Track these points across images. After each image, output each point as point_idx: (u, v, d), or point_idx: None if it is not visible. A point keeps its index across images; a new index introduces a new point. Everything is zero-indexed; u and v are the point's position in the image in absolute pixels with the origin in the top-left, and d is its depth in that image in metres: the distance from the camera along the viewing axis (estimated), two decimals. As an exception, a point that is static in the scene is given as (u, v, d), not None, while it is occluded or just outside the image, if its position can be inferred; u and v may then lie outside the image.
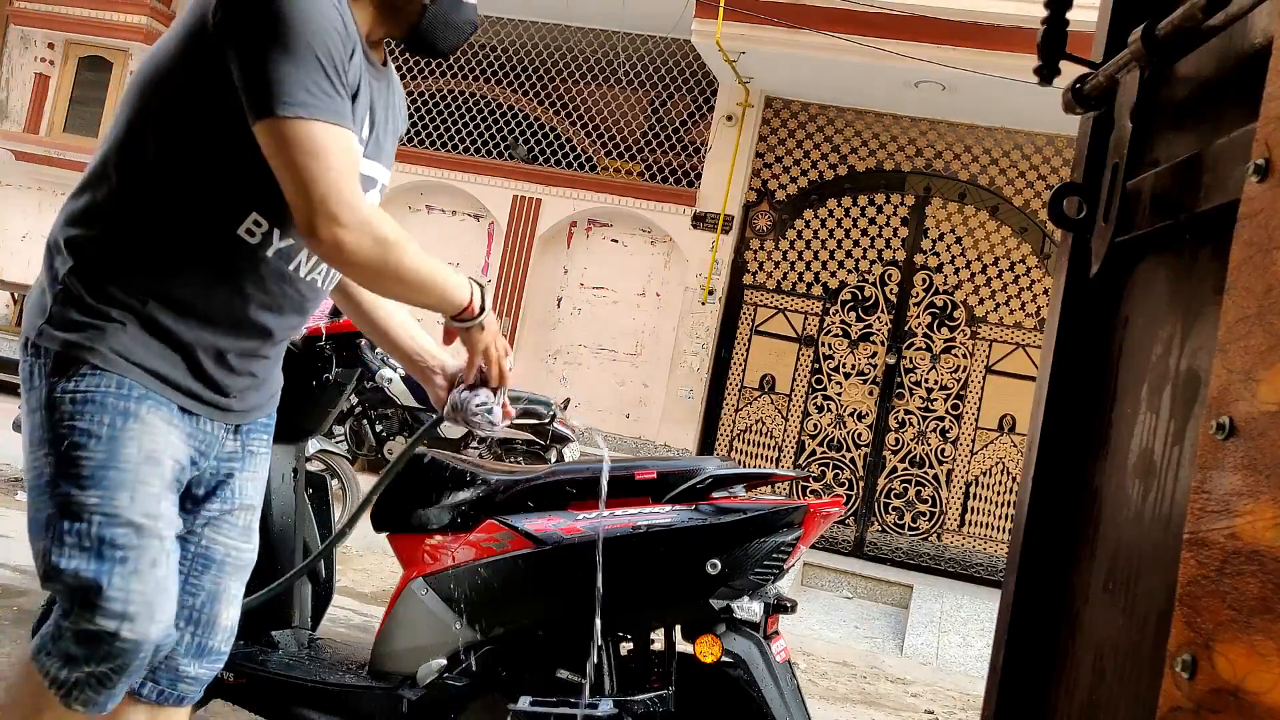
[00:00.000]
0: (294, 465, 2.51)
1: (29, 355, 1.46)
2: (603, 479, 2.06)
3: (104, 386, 1.41)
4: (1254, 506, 0.56)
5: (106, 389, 1.41)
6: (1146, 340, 0.90)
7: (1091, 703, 0.89)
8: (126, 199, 1.45)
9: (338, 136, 1.35)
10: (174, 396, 1.48)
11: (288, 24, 1.31)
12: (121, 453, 1.41)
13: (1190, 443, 0.78)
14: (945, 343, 7.35)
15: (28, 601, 3.40)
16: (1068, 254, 1.05)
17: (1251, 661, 0.55)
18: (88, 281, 1.44)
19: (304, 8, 1.33)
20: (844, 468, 7.45)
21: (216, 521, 1.60)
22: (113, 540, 1.39)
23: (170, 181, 1.44)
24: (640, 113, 8.04)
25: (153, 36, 8.62)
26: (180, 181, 1.44)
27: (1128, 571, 0.86)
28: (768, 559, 2.08)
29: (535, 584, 2.14)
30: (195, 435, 1.52)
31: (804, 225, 7.61)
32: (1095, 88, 1.01)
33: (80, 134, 8.92)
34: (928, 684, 4.76)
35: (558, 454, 6.20)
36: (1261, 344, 0.58)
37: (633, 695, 2.11)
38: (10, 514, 4.69)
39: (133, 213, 1.45)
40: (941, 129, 7.42)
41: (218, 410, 1.54)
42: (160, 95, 1.44)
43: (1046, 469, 1.03)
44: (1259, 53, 0.76)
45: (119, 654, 1.41)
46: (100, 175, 1.48)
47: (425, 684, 2.20)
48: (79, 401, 1.41)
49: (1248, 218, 0.62)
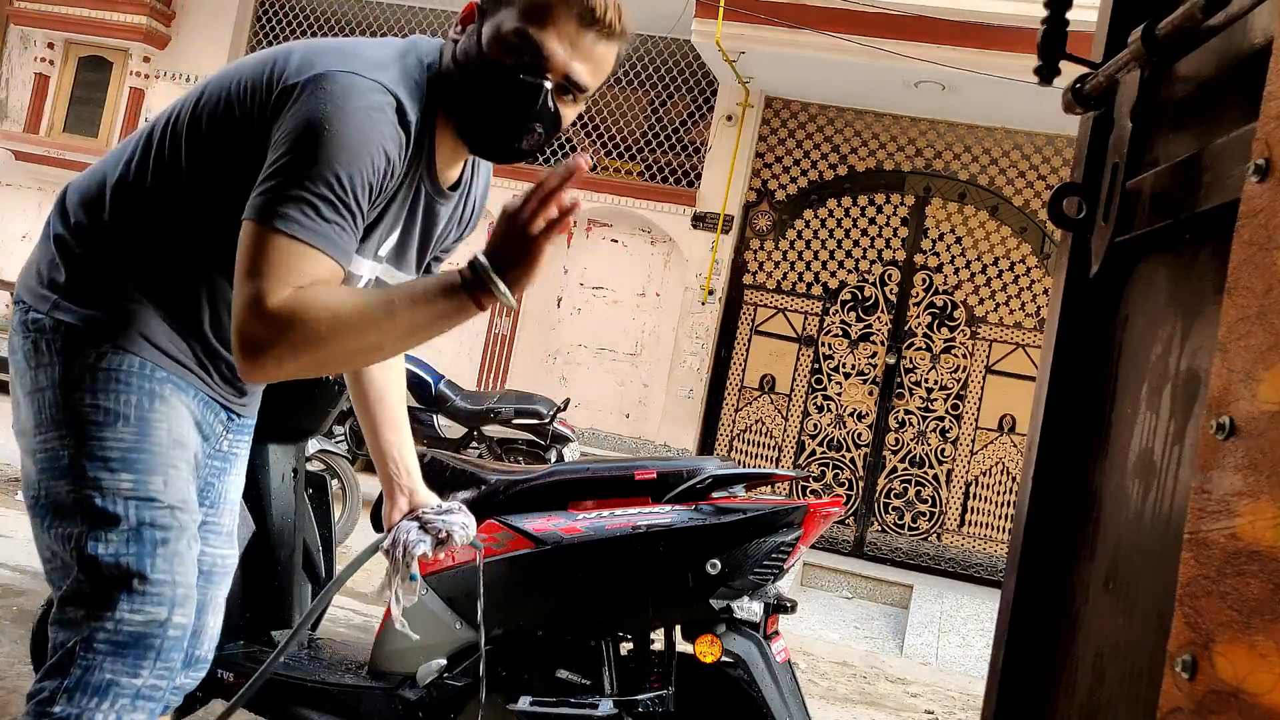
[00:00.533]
0: (294, 465, 2.51)
1: (30, 331, 1.39)
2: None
3: (127, 366, 1.36)
4: (1254, 506, 0.56)
5: (130, 369, 1.36)
6: (1146, 340, 0.90)
7: (1091, 703, 0.89)
8: (139, 209, 1.41)
9: (310, 257, 1.22)
10: (192, 380, 1.44)
11: (336, 146, 1.23)
12: (152, 435, 1.36)
13: (1190, 442, 0.78)
14: (945, 343, 7.35)
15: (27, 601, 3.40)
16: (1067, 254, 1.05)
17: (1252, 662, 0.54)
18: (106, 262, 1.40)
19: (360, 135, 1.25)
20: (844, 468, 7.45)
21: (203, 530, 1.56)
22: (153, 522, 1.34)
23: (183, 209, 1.40)
24: (640, 113, 8.04)
25: (153, 36, 8.63)
26: (188, 213, 1.40)
27: (1128, 571, 0.86)
28: (767, 559, 2.08)
29: (535, 584, 2.14)
30: (203, 424, 1.50)
31: (804, 225, 7.61)
32: (1095, 88, 1.01)
33: (80, 134, 8.91)
34: (927, 684, 4.76)
35: (557, 454, 6.20)
36: (1262, 343, 0.58)
37: (633, 695, 2.11)
38: (10, 514, 4.69)
39: (143, 221, 1.41)
40: (941, 129, 7.42)
41: (226, 397, 1.52)
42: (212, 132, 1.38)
43: (1046, 469, 1.03)
44: (1259, 52, 0.76)
45: (171, 646, 1.34)
46: (124, 176, 1.43)
47: (425, 684, 2.20)
48: (101, 380, 1.35)
49: (1248, 217, 0.62)
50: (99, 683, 1.30)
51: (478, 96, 1.35)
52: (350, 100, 1.25)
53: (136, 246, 1.41)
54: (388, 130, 1.29)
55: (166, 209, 1.40)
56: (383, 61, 1.33)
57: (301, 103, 1.26)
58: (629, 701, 2.09)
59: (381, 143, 1.28)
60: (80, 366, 1.35)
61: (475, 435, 6.23)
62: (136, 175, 1.42)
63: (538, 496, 2.21)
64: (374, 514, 2.28)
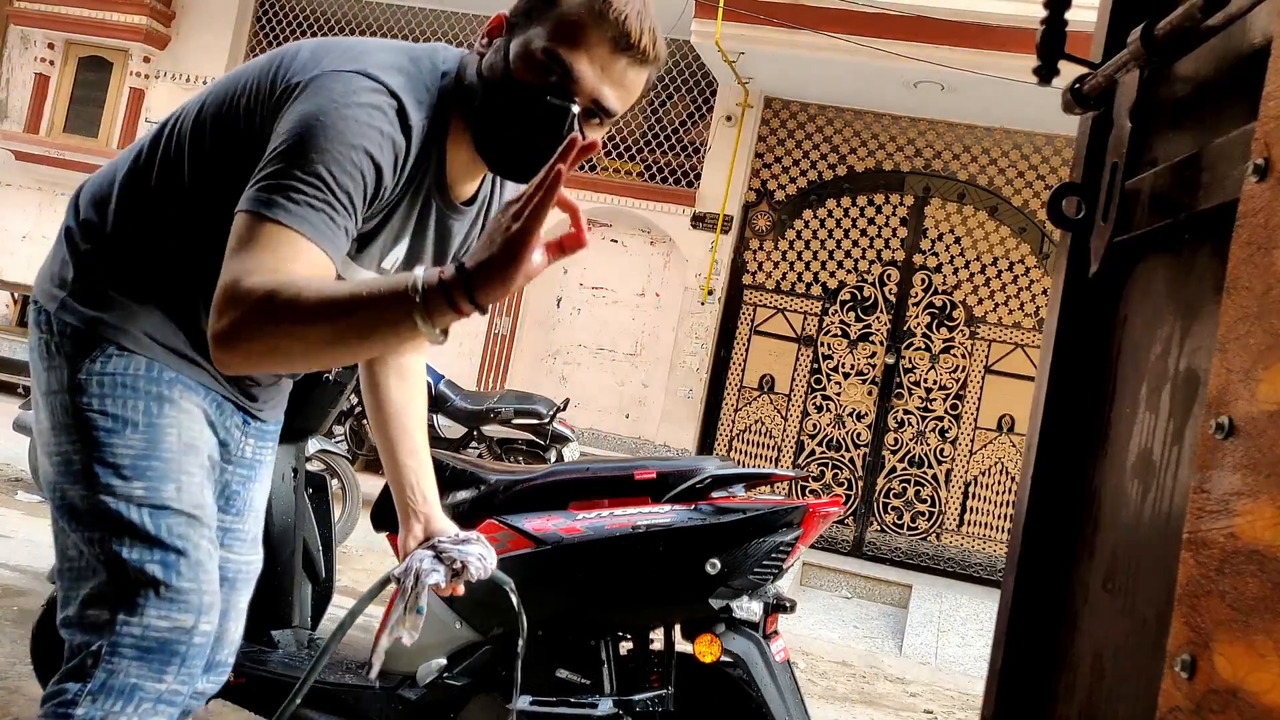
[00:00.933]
0: (294, 465, 2.51)
1: (43, 331, 1.37)
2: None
3: (133, 369, 1.34)
4: (1253, 506, 0.56)
5: (137, 372, 1.34)
6: (1145, 340, 0.90)
7: (1091, 703, 0.89)
8: (144, 208, 1.40)
9: (293, 243, 1.17)
10: (203, 378, 1.41)
11: (329, 139, 1.19)
12: (162, 442, 1.33)
13: (1189, 442, 0.78)
14: (944, 343, 7.35)
15: (27, 601, 3.40)
16: (1066, 254, 1.05)
17: (1251, 661, 0.55)
18: (112, 261, 1.38)
19: (356, 131, 1.21)
20: (843, 467, 7.45)
21: (228, 537, 1.55)
22: (169, 530, 1.31)
23: (186, 210, 1.38)
24: (640, 113, 8.03)
25: (153, 36, 8.63)
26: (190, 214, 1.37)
27: (1127, 571, 0.86)
28: (767, 559, 2.08)
29: (535, 584, 2.15)
30: (218, 425, 1.47)
31: (803, 225, 7.61)
32: (1094, 88, 1.01)
33: (80, 134, 8.91)
34: (927, 683, 4.76)
35: (557, 454, 6.20)
36: (1261, 343, 0.58)
37: (632, 695, 2.11)
38: (10, 514, 4.69)
39: (148, 220, 1.39)
40: (941, 129, 7.42)
41: (237, 397, 1.50)
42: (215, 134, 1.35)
43: (1045, 469, 1.03)
44: (1258, 52, 0.76)
45: (195, 652, 1.33)
46: (131, 173, 1.41)
47: (425, 684, 2.20)
48: (108, 385, 1.32)
49: (1247, 217, 0.62)
50: (123, 686, 1.29)
51: (500, 114, 1.29)
52: (349, 98, 1.22)
53: (140, 245, 1.39)
54: (385, 130, 1.24)
55: (171, 210, 1.38)
56: (390, 64, 1.29)
57: (301, 100, 1.24)
58: (628, 701, 2.09)
59: (377, 142, 1.23)
60: (86, 371, 1.33)
61: (475, 435, 6.23)
62: (143, 174, 1.40)
63: (538, 496, 2.21)
64: (374, 514, 2.28)
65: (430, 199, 1.39)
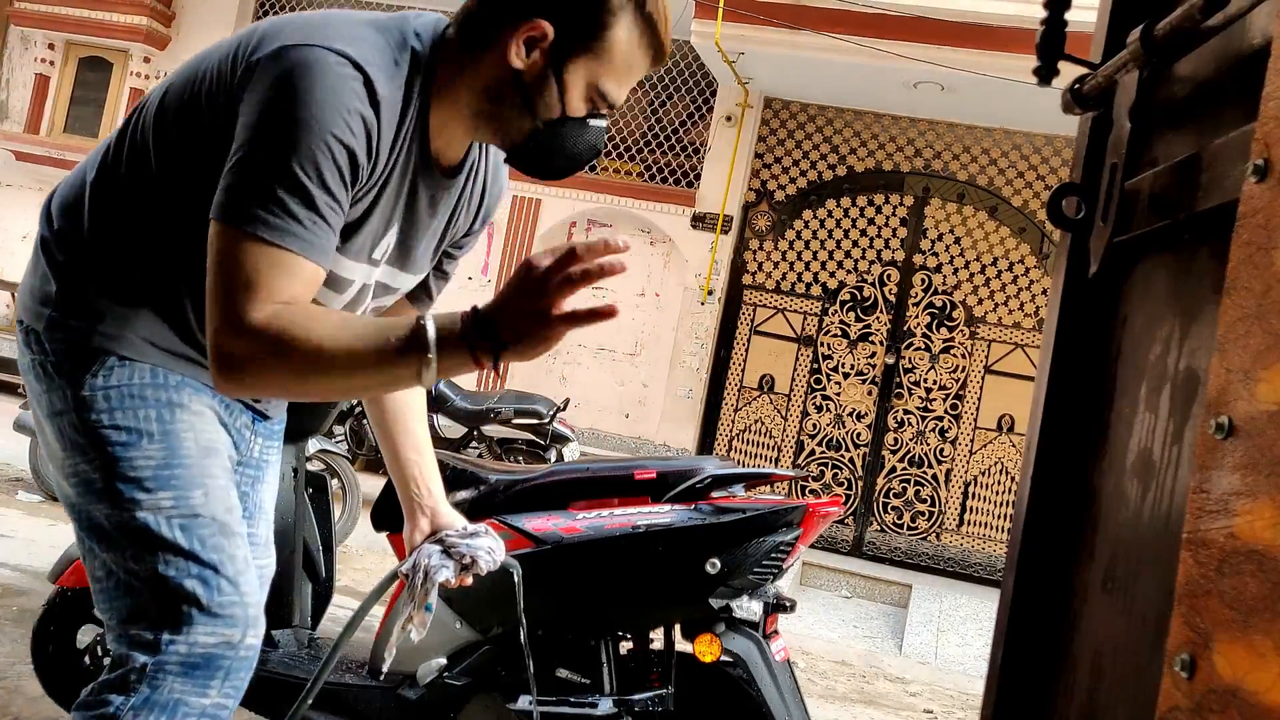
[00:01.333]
0: (294, 465, 2.51)
1: (34, 351, 1.32)
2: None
3: (139, 378, 1.29)
4: (1253, 506, 0.57)
5: (143, 380, 1.29)
6: (1145, 340, 0.90)
7: (1091, 703, 0.89)
8: (115, 201, 1.35)
9: (286, 263, 1.15)
10: (207, 379, 1.34)
11: (297, 130, 1.15)
12: (181, 448, 1.29)
13: (1189, 442, 0.78)
14: (944, 343, 7.35)
15: (28, 601, 3.40)
16: (1066, 254, 1.05)
17: (1250, 661, 0.55)
18: (94, 265, 1.32)
19: (321, 116, 1.16)
20: (843, 467, 7.45)
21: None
22: (203, 542, 1.27)
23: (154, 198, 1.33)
24: (640, 113, 8.04)
25: (153, 37, 8.63)
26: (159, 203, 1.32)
27: (1126, 571, 0.86)
28: (767, 558, 2.08)
29: (535, 583, 2.15)
30: (229, 424, 1.44)
31: (803, 225, 7.61)
32: (1094, 88, 1.01)
33: (80, 134, 8.92)
34: (926, 683, 4.76)
35: (557, 454, 6.20)
36: (1260, 343, 0.58)
37: (632, 695, 2.11)
38: (10, 514, 4.69)
39: (119, 214, 1.35)
40: (940, 129, 7.42)
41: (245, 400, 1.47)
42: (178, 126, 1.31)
43: (1045, 469, 1.03)
44: (1258, 53, 0.76)
45: (240, 666, 1.30)
46: (101, 167, 1.37)
47: (425, 684, 2.20)
48: (115, 398, 1.28)
49: (1246, 217, 0.62)
50: (166, 701, 1.27)
51: (554, 145, 1.32)
52: (309, 77, 1.16)
53: (119, 243, 1.34)
54: (353, 107, 1.18)
55: (141, 198, 1.32)
56: (353, 36, 1.23)
57: (260, 83, 1.18)
58: (628, 701, 2.09)
59: (344, 123, 1.18)
60: (90, 387, 1.28)
61: (475, 435, 6.23)
62: (112, 168, 1.35)
63: (538, 496, 2.21)
64: (374, 514, 2.28)
65: (416, 178, 1.35)
